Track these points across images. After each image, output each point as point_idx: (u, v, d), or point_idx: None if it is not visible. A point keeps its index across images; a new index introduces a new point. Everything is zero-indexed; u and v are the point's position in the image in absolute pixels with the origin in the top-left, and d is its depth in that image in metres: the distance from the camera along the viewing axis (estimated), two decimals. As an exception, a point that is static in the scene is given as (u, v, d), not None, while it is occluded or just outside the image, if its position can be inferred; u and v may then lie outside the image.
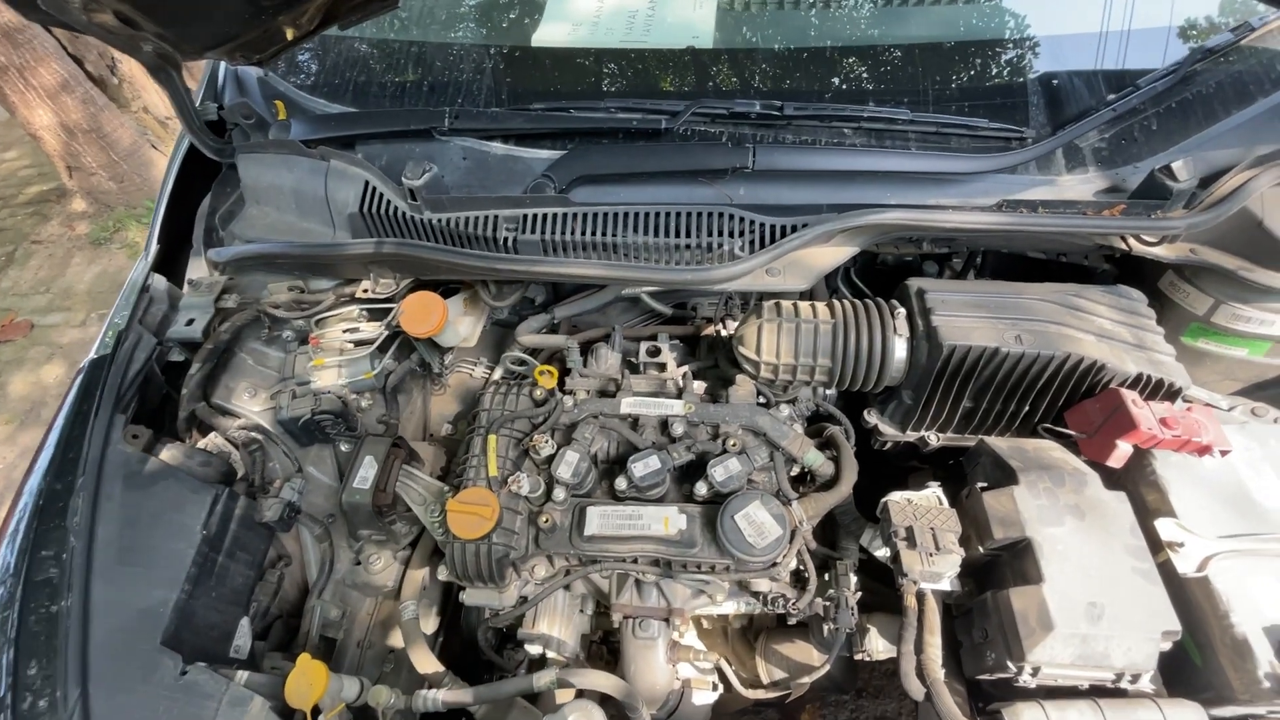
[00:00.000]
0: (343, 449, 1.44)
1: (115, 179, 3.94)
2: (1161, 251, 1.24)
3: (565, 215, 1.19)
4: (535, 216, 1.20)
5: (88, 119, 3.65)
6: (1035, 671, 0.97)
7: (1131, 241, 1.21)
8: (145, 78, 4.15)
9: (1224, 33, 1.21)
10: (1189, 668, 1.00)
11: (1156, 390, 1.16)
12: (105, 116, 3.73)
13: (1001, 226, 1.08)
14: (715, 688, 1.35)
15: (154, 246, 1.37)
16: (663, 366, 1.43)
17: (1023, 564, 1.02)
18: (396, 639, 1.35)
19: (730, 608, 1.31)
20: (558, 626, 1.29)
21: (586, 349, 1.47)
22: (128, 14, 1.06)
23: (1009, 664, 0.98)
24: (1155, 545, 1.02)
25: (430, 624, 1.39)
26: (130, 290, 1.31)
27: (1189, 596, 0.98)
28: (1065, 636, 0.93)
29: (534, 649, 1.30)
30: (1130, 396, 1.10)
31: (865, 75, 1.33)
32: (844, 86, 1.31)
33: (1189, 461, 1.09)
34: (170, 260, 1.46)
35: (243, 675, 1.04)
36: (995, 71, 1.32)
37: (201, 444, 1.32)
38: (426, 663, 1.23)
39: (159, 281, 1.34)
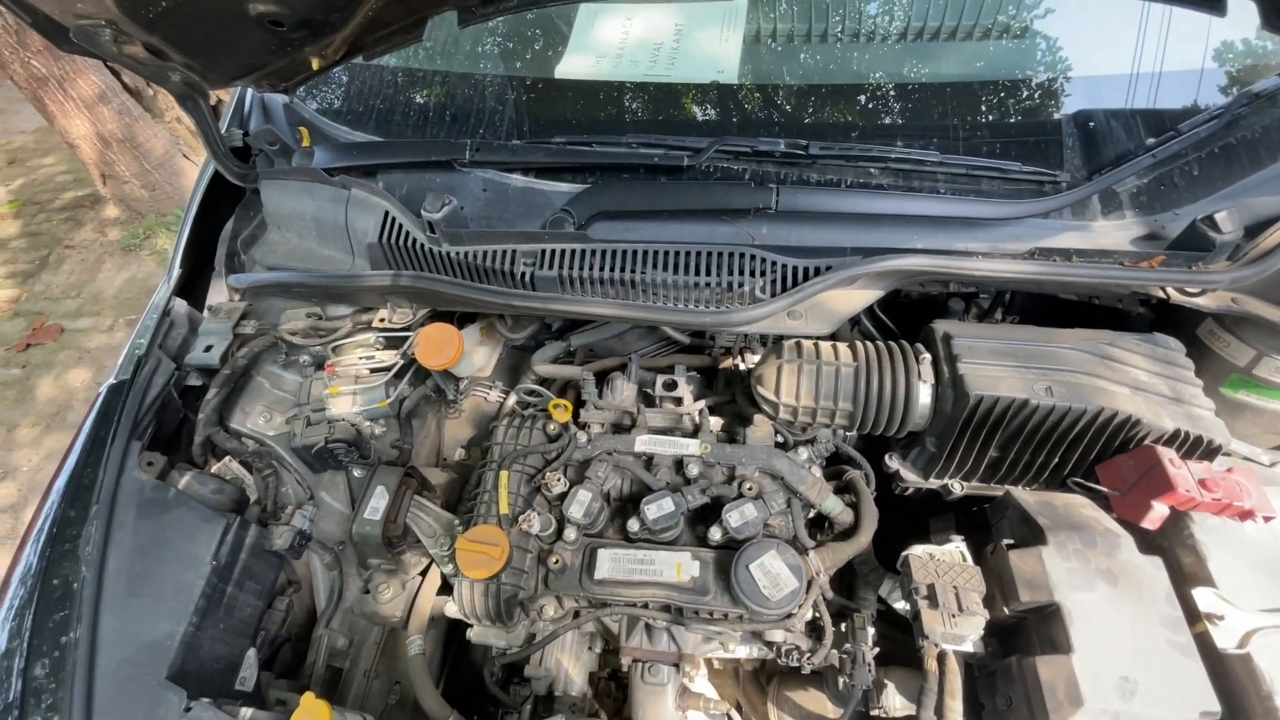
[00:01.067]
0: (356, 475, 1.44)
1: (147, 187, 4.02)
2: (1202, 301, 1.19)
3: (583, 251, 1.17)
4: (553, 252, 1.18)
5: (123, 129, 3.74)
6: (1064, 747, 0.92)
7: (1171, 290, 1.17)
8: (179, 89, 4.26)
9: (1272, 76, 1.17)
10: (1230, 749, 0.94)
11: (1195, 448, 1.11)
12: (139, 127, 3.82)
13: (1033, 275, 1.04)
14: (725, 732, 1.31)
15: (176, 271, 1.38)
16: (679, 401, 1.40)
17: (1050, 630, 0.98)
18: (403, 670, 1.34)
19: (743, 653, 1.28)
20: (566, 663, 1.27)
21: (602, 379, 1.45)
22: (156, 45, 1.07)
23: (1036, 740, 0.93)
24: (1193, 616, 0.97)
25: (437, 653, 1.38)
26: (151, 314, 1.32)
27: (1229, 673, 0.93)
28: (1095, 712, 0.89)
29: (541, 686, 1.27)
30: (1167, 455, 1.05)
31: (894, 114, 1.30)
32: (871, 125, 1.28)
33: (1230, 526, 1.04)
34: (193, 282, 1.48)
35: (246, 713, 1.03)
36: (1028, 111, 1.28)
37: (216, 469, 1.33)
38: (432, 702, 1.21)
39: (180, 306, 1.35)
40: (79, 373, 3.45)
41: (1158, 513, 1.04)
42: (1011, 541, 1.08)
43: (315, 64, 1.25)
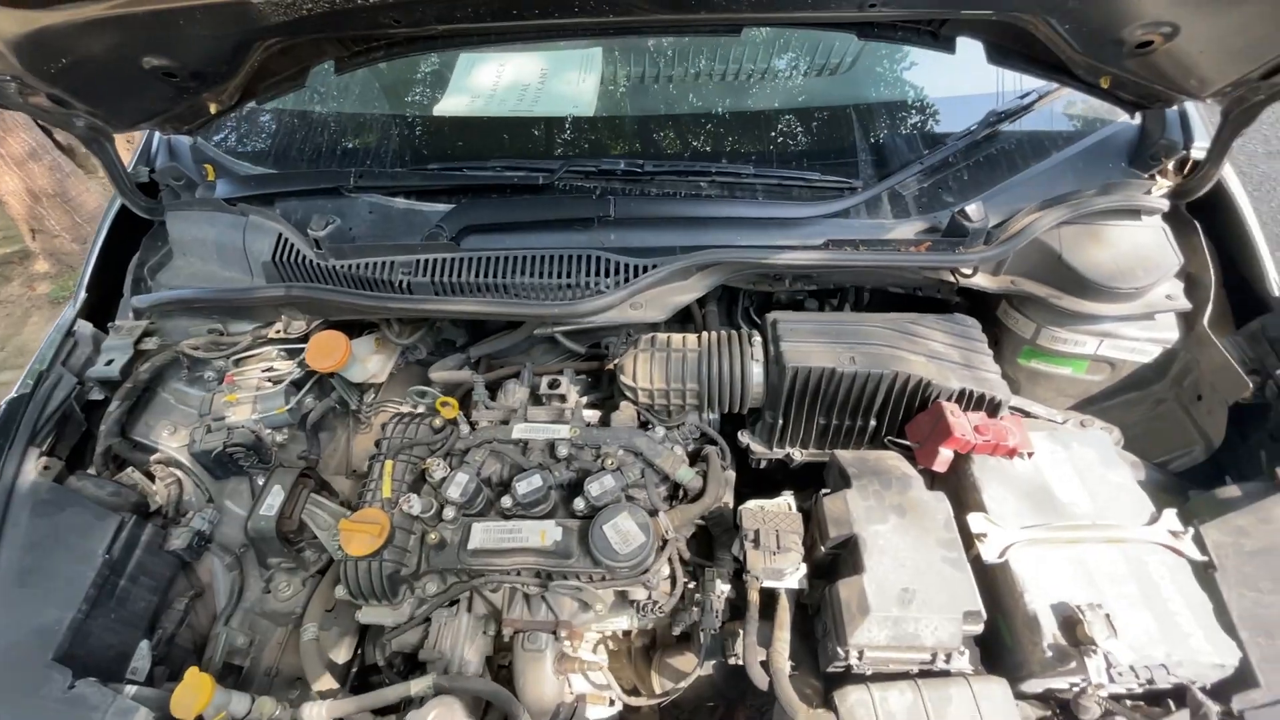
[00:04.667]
0: (259, 483, 1.53)
1: (78, 240, 4.06)
2: (986, 282, 1.41)
3: (454, 260, 1.34)
4: (427, 261, 1.34)
5: (54, 184, 3.80)
6: (860, 655, 1.07)
7: (956, 275, 1.39)
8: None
9: (1014, 99, 1.44)
10: (1003, 648, 1.10)
11: (980, 404, 1.31)
12: (71, 182, 3.89)
13: (826, 261, 1.25)
14: (612, 703, 1.41)
15: (82, 295, 1.49)
16: (563, 398, 1.55)
17: (853, 558, 1.13)
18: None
19: (622, 623, 1.40)
20: (460, 647, 1.36)
21: (498, 385, 1.59)
22: (60, 96, 1.22)
23: (839, 649, 1.08)
24: (970, 540, 1.15)
25: (343, 653, 1.45)
26: (56, 334, 1.42)
27: (993, 580, 1.10)
28: (880, 619, 1.04)
29: (438, 668, 1.36)
30: (949, 408, 1.24)
31: (721, 138, 1.53)
32: (702, 148, 1.51)
33: (1002, 463, 1.23)
34: (103, 310, 1.58)
35: (131, 689, 1.10)
36: (830, 133, 1.53)
37: (118, 478, 1.41)
38: (320, 680, 1.28)
39: (85, 327, 1.45)
40: (0, 425, 3.39)
41: (944, 457, 1.23)
42: (828, 490, 1.25)
43: (213, 108, 1.41)
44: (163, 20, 1.07)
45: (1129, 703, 1.05)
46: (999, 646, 1.11)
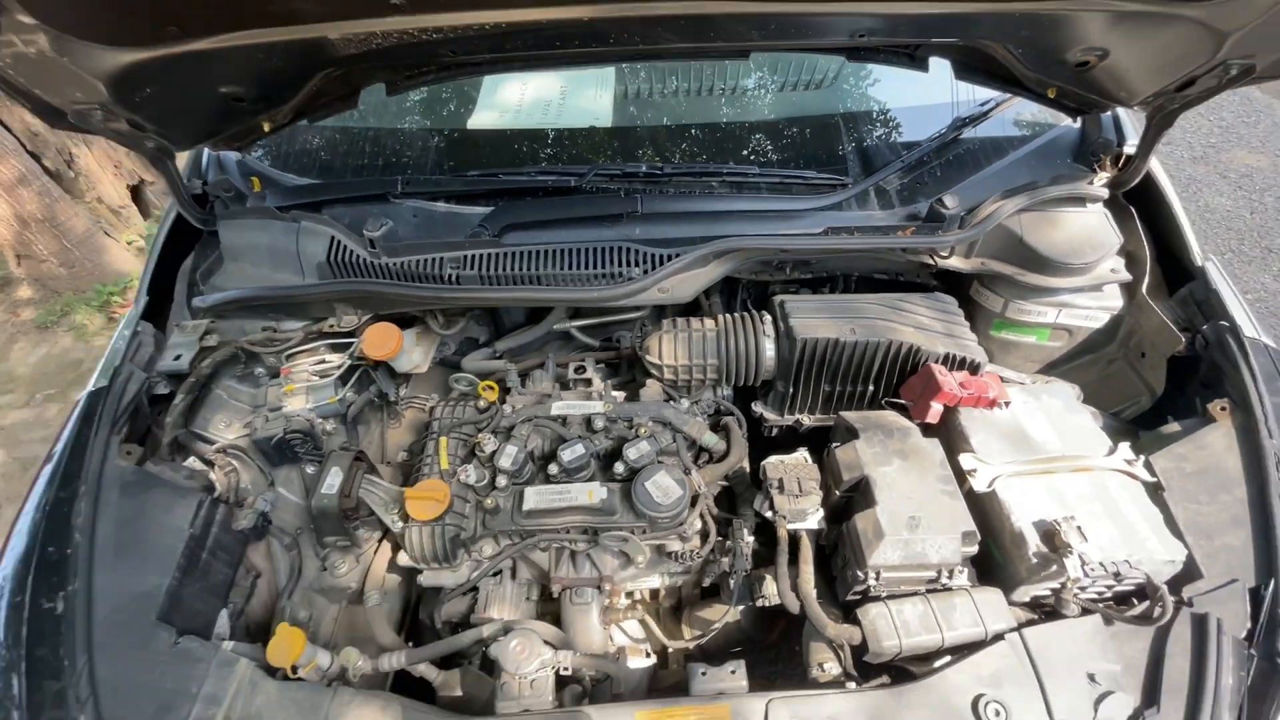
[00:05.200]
0: (309, 471, 1.64)
1: (66, 265, 4.06)
2: (960, 264, 1.63)
3: (498, 254, 1.50)
4: (474, 256, 1.50)
5: (43, 209, 3.81)
6: (878, 575, 1.24)
7: (935, 258, 1.61)
8: (101, 171, 4.37)
9: (975, 106, 1.68)
10: (995, 565, 1.29)
11: (961, 365, 1.51)
12: (60, 207, 3.90)
13: (828, 245, 1.45)
14: (649, 655, 1.56)
15: (144, 298, 1.59)
16: (589, 382, 1.72)
17: (865, 496, 1.31)
18: (360, 644, 1.51)
19: (655, 582, 1.55)
20: (506, 611, 1.49)
21: (525, 374, 1.75)
22: (138, 121, 1.34)
23: (859, 573, 1.25)
24: (961, 477, 1.34)
25: (394, 616, 1.56)
26: (122, 335, 1.52)
27: (984, 507, 1.29)
28: (893, 542, 1.22)
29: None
30: (938, 369, 1.45)
31: (728, 143, 1.74)
32: (712, 152, 1.71)
33: (985, 413, 1.43)
34: (154, 315, 1.69)
35: (229, 645, 1.20)
36: (821, 138, 1.76)
37: (185, 465, 1.51)
38: (388, 637, 1.40)
39: (146, 327, 1.56)
40: (-7, 451, 3.37)
41: (935, 410, 1.43)
42: (838, 444, 1.43)
43: (266, 127, 1.55)
44: (247, 54, 1.21)
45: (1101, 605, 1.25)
46: (991, 565, 1.30)
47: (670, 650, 1.58)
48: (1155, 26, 1.14)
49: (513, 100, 1.77)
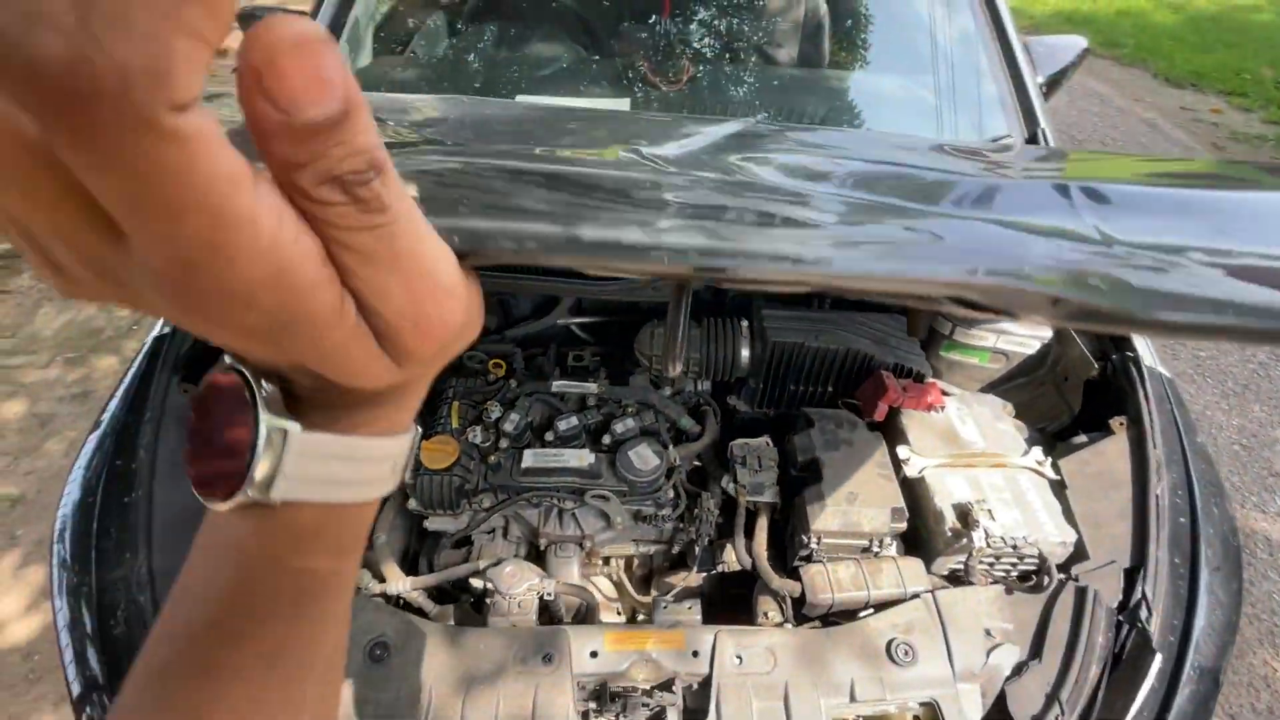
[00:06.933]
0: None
1: (96, 238, 4.29)
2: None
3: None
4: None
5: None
6: (819, 540, 1.46)
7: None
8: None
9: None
10: (920, 540, 1.52)
11: (907, 374, 1.75)
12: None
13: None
14: (619, 614, 1.76)
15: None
16: (587, 368, 1.95)
17: (814, 475, 1.54)
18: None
19: (630, 549, 1.76)
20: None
21: (529, 360, 1.98)
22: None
23: (804, 537, 1.47)
24: (898, 465, 1.57)
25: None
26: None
27: (915, 491, 1.52)
28: (833, 511, 1.44)
29: (476, 583, 1.69)
30: (887, 375, 1.69)
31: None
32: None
33: (923, 415, 1.67)
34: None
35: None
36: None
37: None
38: (393, 571, 1.60)
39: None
40: (12, 405, 3.55)
41: (881, 409, 1.66)
42: (797, 433, 1.67)
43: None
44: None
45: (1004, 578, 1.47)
46: (917, 541, 1.52)
47: (638, 609, 1.78)
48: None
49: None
